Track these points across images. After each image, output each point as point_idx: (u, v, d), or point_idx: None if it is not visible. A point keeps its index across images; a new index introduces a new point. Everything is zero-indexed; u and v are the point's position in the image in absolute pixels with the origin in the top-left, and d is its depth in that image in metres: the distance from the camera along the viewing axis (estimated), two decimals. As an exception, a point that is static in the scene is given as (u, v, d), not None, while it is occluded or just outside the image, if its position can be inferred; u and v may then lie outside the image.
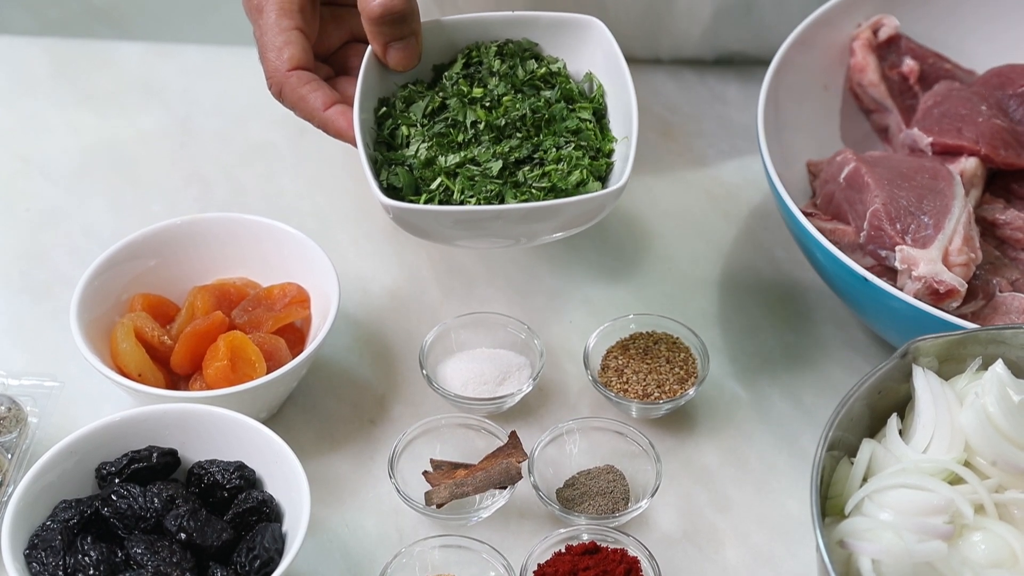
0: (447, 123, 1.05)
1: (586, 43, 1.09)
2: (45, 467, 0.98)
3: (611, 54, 1.07)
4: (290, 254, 1.16)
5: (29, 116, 1.40)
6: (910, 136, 1.20)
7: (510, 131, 1.04)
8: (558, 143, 1.04)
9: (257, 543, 0.95)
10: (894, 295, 1.03)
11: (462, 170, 1.03)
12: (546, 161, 1.03)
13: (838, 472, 0.93)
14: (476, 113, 1.05)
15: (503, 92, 1.06)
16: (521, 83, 1.07)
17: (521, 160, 1.03)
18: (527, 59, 1.09)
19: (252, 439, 1.01)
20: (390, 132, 1.06)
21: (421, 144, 1.04)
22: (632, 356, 1.13)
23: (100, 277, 1.12)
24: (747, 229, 1.28)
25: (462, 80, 1.07)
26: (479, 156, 1.03)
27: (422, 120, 1.06)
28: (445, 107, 1.06)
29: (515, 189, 1.02)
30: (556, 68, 1.09)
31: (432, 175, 1.03)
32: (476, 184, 1.02)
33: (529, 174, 1.03)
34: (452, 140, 1.04)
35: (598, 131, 1.06)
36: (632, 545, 1.01)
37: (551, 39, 1.10)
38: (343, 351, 1.18)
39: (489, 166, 1.02)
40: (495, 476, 1.03)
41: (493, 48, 1.09)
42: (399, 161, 1.04)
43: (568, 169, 1.02)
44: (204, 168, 1.34)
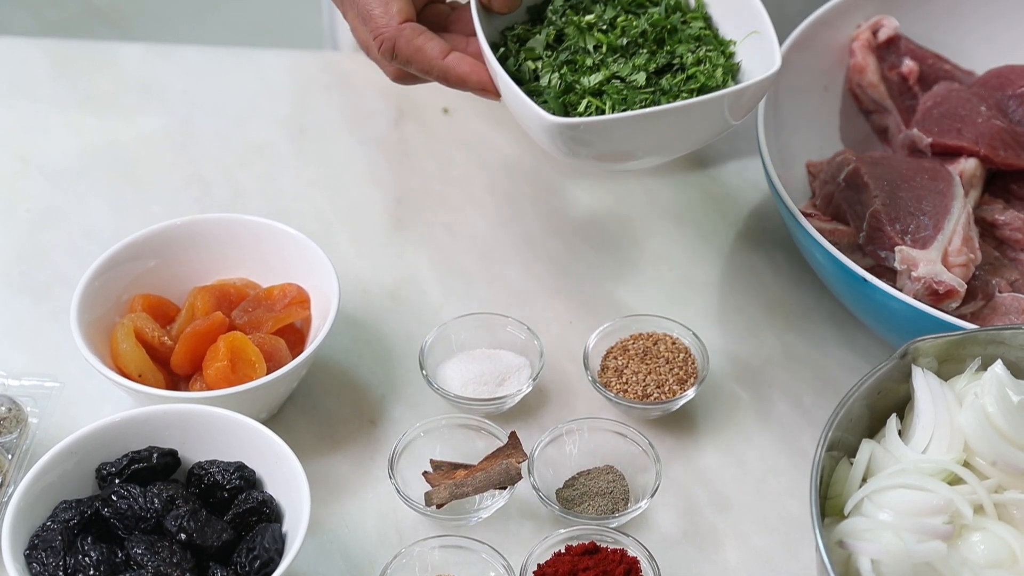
0: (571, 51, 1.06)
1: None
2: (45, 467, 0.98)
3: None
4: (290, 255, 1.16)
5: (29, 117, 1.40)
6: (909, 137, 1.20)
7: (634, 49, 1.05)
8: (691, 48, 1.05)
9: (257, 543, 0.95)
10: (893, 295, 1.03)
11: (608, 87, 1.03)
12: (687, 65, 1.04)
13: (838, 472, 0.93)
14: (596, 37, 1.06)
15: (614, 14, 1.07)
16: (627, 3, 1.08)
17: (659, 70, 1.05)
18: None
19: (252, 439, 1.01)
20: (515, 70, 1.06)
21: (552, 74, 1.05)
22: (632, 357, 1.13)
23: (100, 278, 1.12)
24: (747, 230, 1.28)
25: (569, 11, 1.08)
26: (620, 71, 1.04)
27: (545, 52, 1.06)
28: (562, 38, 1.07)
29: (665, 95, 1.03)
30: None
31: (576, 99, 1.04)
32: (627, 98, 1.02)
33: (673, 80, 1.04)
34: (582, 65, 1.05)
35: (714, 36, 1.08)
36: (632, 545, 1.01)
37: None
38: (343, 351, 1.18)
39: (634, 78, 1.03)
40: (495, 476, 1.03)
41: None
42: (536, 92, 1.04)
43: (712, 68, 1.04)
44: (204, 169, 1.34)
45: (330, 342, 1.14)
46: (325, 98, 1.42)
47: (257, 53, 1.46)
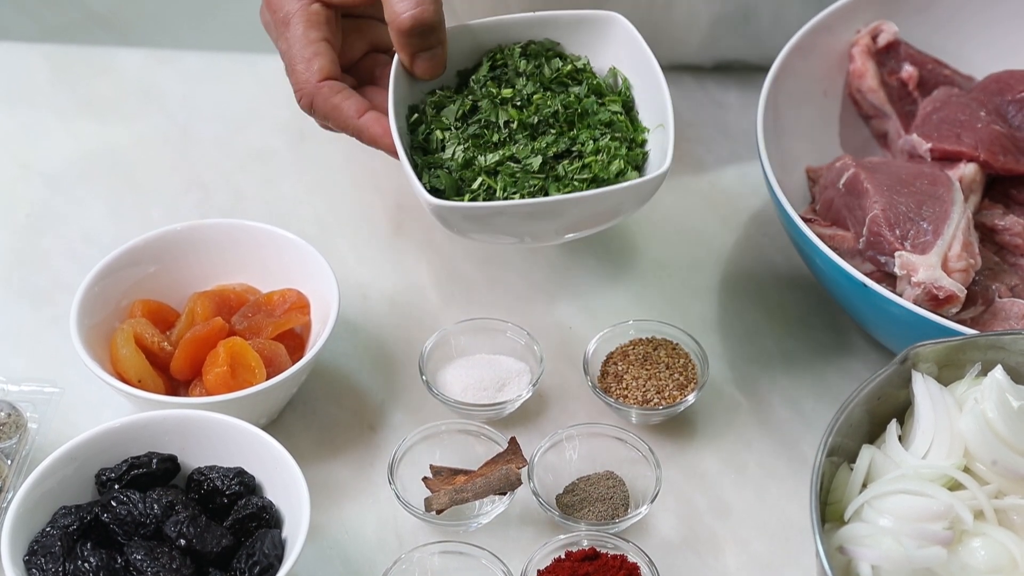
0: (480, 124, 1.06)
1: (607, 38, 1.10)
2: (45, 473, 0.98)
3: (635, 46, 1.09)
4: (290, 260, 1.16)
5: (29, 122, 1.40)
6: (909, 142, 1.20)
7: (544, 128, 1.05)
8: (594, 135, 1.05)
9: (257, 549, 0.95)
10: (893, 301, 1.03)
11: (502, 168, 1.04)
12: (585, 153, 1.04)
13: (838, 478, 0.93)
14: (508, 113, 1.06)
15: (532, 91, 1.07)
16: (548, 81, 1.08)
17: (559, 155, 1.05)
18: (551, 58, 1.10)
19: (252, 445, 1.01)
20: (424, 137, 1.07)
21: (457, 146, 1.05)
22: (632, 362, 1.13)
23: (100, 283, 1.12)
24: (747, 235, 1.28)
25: (490, 82, 1.08)
26: (518, 153, 1.04)
27: (455, 123, 1.07)
28: (476, 110, 1.07)
29: (557, 183, 1.03)
30: (581, 65, 1.10)
31: (472, 175, 1.04)
32: (518, 180, 1.03)
33: (569, 167, 1.04)
34: (488, 140, 1.05)
35: (628, 123, 1.08)
36: (632, 551, 1.01)
37: (572, 37, 1.11)
38: (343, 357, 1.18)
39: (529, 162, 1.03)
40: (495, 482, 1.03)
41: (517, 49, 1.10)
42: (437, 164, 1.05)
43: (608, 159, 1.04)
44: (204, 174, 1.34)
45: (330, 347, 1.14)
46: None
47: (257, 58, 1.46)
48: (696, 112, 1.40)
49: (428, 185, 1.04)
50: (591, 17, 1.10)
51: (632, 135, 1.07)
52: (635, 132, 1.08)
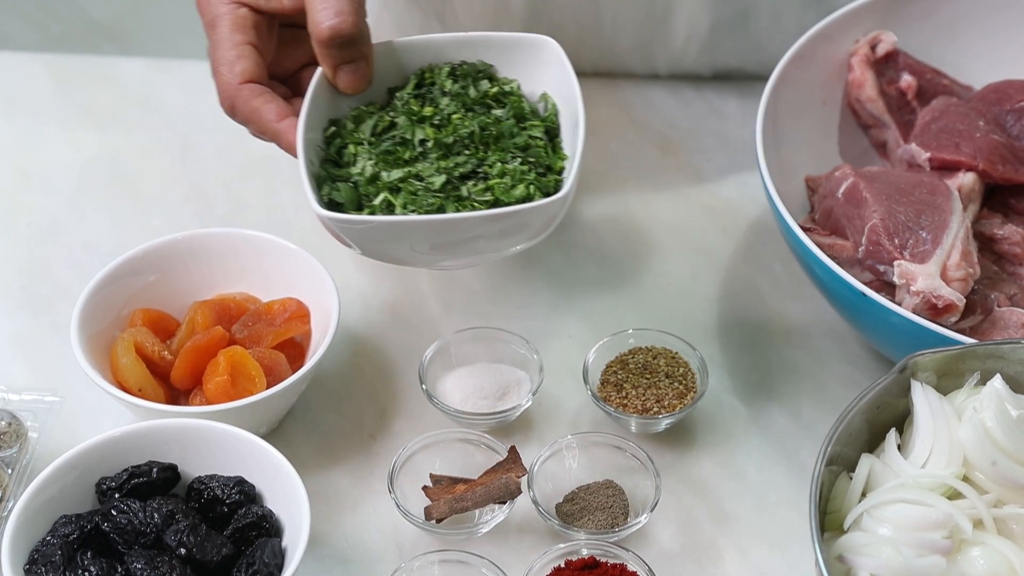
0: (395, 141, 1.05)
1: (540, 63, 1.09)
2: (45, 482, 0.98)
3: (564, 73, 1.06)
4: (290, 269, 1.16)
5: (30, 131, 1.40)
6: (908, 151, 1.20)
7: (458, 148, 1.04)
8: (504, 158, 1.03)
9: (257, 558, 0.95)
10: (892, 310, 1.03)
11: (405, 184, 1.02)
12: (490, 176, 1.02)
13: (837, 487, 0.93)
14: (425, 131, 1.04)
15: (453, 111, 1.06)
16: (473, 102, 1.06)
17: (466, 175, 1.03)
18: (480, 80, 1.08)
19: (252, 454, 1.01)
20: (337, 151, 1.06)
21: (367, 161, 1.03)
22: (631, 371, 1.13)
23: (101, 292, 1.12)
24: (746, 244, 1.29)
25: (413, 100, 1.07)
26: (423, 171, 1.03)
27: (370, 139, 1.05)
28: (394, 126, 1.06)
29: (457, 203, 1.01)
30: (509, 88, 1.09)
31: (376, 191, 1.03)
32: (418, 198, 1.01)
33: (473, 188, 1.02)
34: (399, 157, 1.03)
35: (549, 149, 1.05)
36: (631, 560, 1.01)
37: (506, 60, 1.09)
38: (343, 366, 1.18)
39: (432, 180, 1.02)
40: (495, 491, 1.03)
41: (446, 69, 1.09)
42: (344, 178, 1.04)
43: (512, 183, 1.01)
44: (204, 183, 1.35)
45: (330, 356, 1.14)
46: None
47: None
48: (695, 121, 1.40)
49: (327, 198, 1.02)
50: (524, 40, 1.09)
51: (550, 161, 1.05)
52: (554, 159, 1.05)
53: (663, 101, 1.41)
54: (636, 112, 1.41)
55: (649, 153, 1.37)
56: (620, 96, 1.42)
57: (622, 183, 1.35)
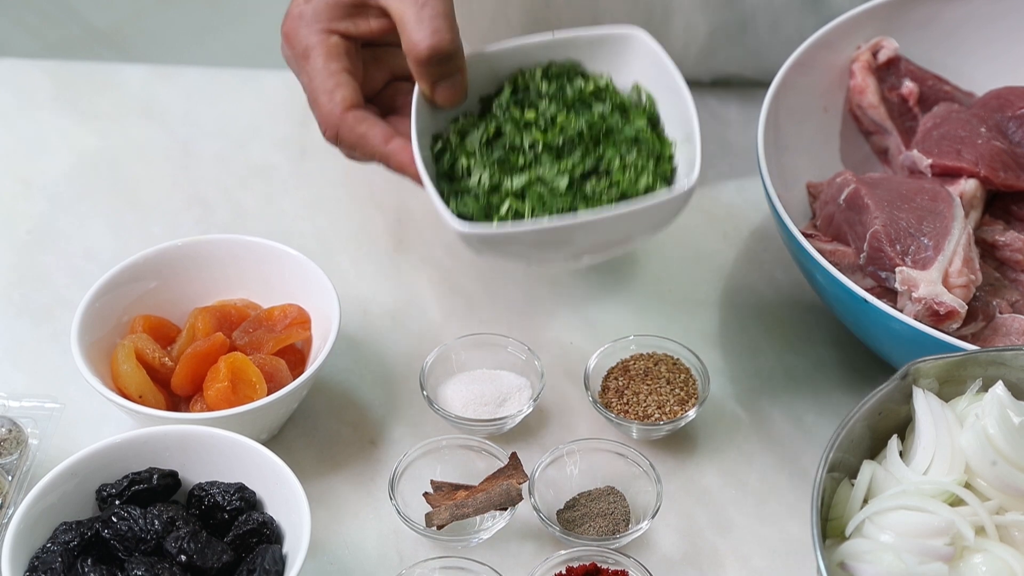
0: (505, 149, 1.06)
1: (629, 55, 1.10)
2: (45, 489, 0.98)
3: (657, 61, 1.08)
4: (291, 275, 1.16)
5: (30, 138, 1.40)
6: (910, 158, 1.20)
7: (569, 149, 1.05)
8: (621, 152, 1.04)
9: (257, 565, 0.95)
10: (894, 316, 1.03)
11: (530, 190, 1.03)
12: (612, 171, 1.04)
13: (839, 494, 0.93)
14: (533, 135, 1.05)
15: (556, 112, 1.06)
16: (572, 101, 1.07)
17: (586, 174, 1.04)
18: (573, 78, 1.09)
19: (253, 460, 1.01)
20: (450, 166, 1.07)
21: (483, 172, 1.04)
22: (632, 377, 1.13)
23: (101, 299, 1.12)
24: (747, 250, 1.29)
25: (513, 106, 1.08)
26: (544, 175, 1.03)
27: (480, 149, 1.06)
28: (500, 134, 1.07)
29: (585, 202, 1.02)
30: (603, 83, 1.09)
31: (500, 200, 1.03)
32: (546, 202, 1.02)
33: (597, 186, 1.03)
34: (513, 164, 1.04)
35: (655, 137, 1.07)
36: (633, 567, 1.00)
37: (593, 56, 1.10)
38: (344, 372, 1.18)
39: (556, 183, 1.03)
40: (495, 497, 1.03)
41: (538, 72, 1.09)
42: (464, 191, 1.05)
43: (635, 175, 1.03)
44: (205, 190, 1.35)
45: (331, 363, 1.14)
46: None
47: (258, 74, 1.46)
48: (697, 127, 1.40)
49: (456, 211, 1.03)
50: (611, 35, 1.10)
51: (659, 150, 1.06)
52: (662, 146, 1.07)
53: (664, 107, 1.41)
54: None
55: (650, 159, 1.37)
56: (621, 102, 1.42)
57: (623, 189, 1.34)
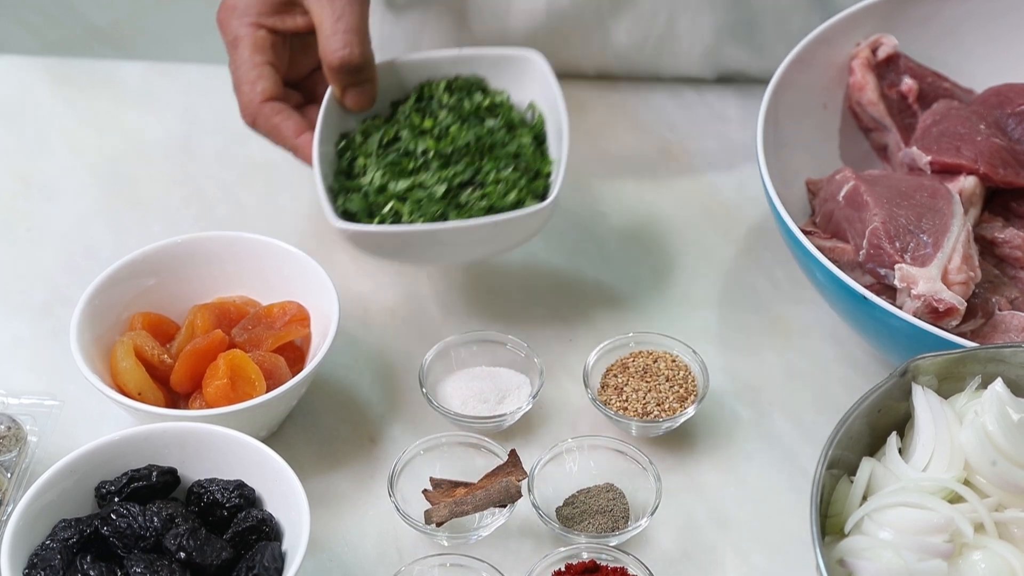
0: (399, 152, 1.14)
1: (527, 75, 1.19)
2: (45, 486, 0.98)
3: (548, 84, 1.17)
4: (290, 272, 1.16)
5: (30, 136, 1.40)
6: (909, 155, 1.20)
7: (457, 158, 1.13)
8: (498, 167, 1.12)
9: (257, 562, 0.95)
10: (893, 313, 1.03)
11: (411, 194, 1.11)
12: (486, 183, 1.11)
13: (838, 491, 0.93)
14: (426, 143, 1.13)
15: (451, 123, 1.15)
16: (468, 114, 1.16)
17: (465, 183, 1.11)
18: (474, 92, 1.18)
19: (252, 458, 1.01)
20: (348, 163, 1.15)
21: (376, 172, 1.13)
22: (632, 374, 1.13)
23: (100, 296, 1.12)
24: (746, 247, 1.28)
25: (414, 113, 1.17)
26: (426, 181, 1.11)
27: (377, 151, 1.15)
28: (398, 139, 1.15)
29: (458, 210, 1.10)
30: (500, 100, 1.19)
31: (384, 200, 1.11)
32: (423, 206, 1.10)
33: (471, 195, 1.11)
34: (403, 168, 1.13)
35: (538, 154, 1.15)
36: (632, 564, 1.00)
37: (496, 73, 1.20)
38: (343, 369, 1.18)
39: (434, 189, 1.11)
40: (495, 494, 1.03)
41: (443, 84, 1.19)
42: (355, 188, 1.13)
43: (506, 190, 1.11)
44: (204, 187, 1.34)
45: (330, 360, 1.14)
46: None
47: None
48: (696, 124, 1.40)
49: (341, 208, 1.11)
50: (512, 55, 1.20)
51: (538, 167, 1.14)
52: (542, 164, 1.15)
53: (664, 104, 1.41)
54: (637, 115, 1.41)
55: (650, 156, 1.37)
56: (621, 99, 1.42)
57: (622, 186, 1.34)
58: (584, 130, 1.39)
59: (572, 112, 1.41)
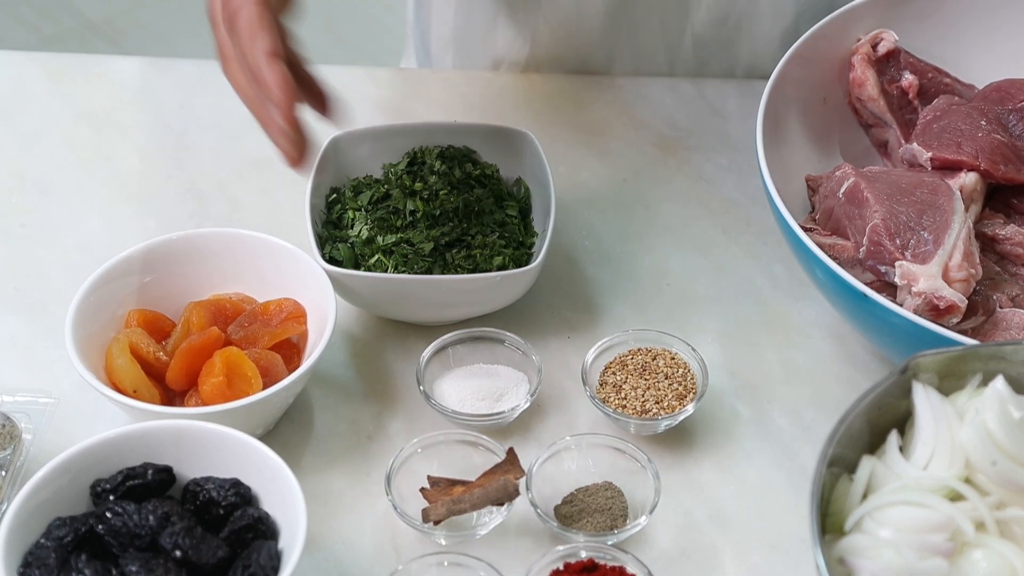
0: (388, 210, 1.19)
1: (518, 151, 1.24)
2: (39, 484, 0.97)
3: (538, 161, 1.22)
4: (286, 269, 1.15)
5: (24, 131, 1.39)
6: (909, 151, 1.20)
7: (444, 220, 1.17)
8: (484, 231, 1.17)
9: (253, 561, 0.95)
10: (894, 311, 1.03)
11: (397, 248, 1.16)
12: (473, 245, 1.16)
13: (838, 489, 0.93)
14: (415, 203, 1.17)
15: (440, 187, 1.19)
16: (458, 181, 1.20)
17: (451, 243, 1.16)
18: (465, 162, 1.22)
19: (248, 456, 1.00)
20: (338, 216, 1.21)
21: (364, 226, 1.18)
22: (630, 372, 1.13)
23: (95, 293, 1.11)
24: (746, 244, 1.28)
25: (406, 175, 1.21)
26: (413, 238, 1.16)
27: (367, 206, 1.20)
28: (388, 196, 1.20)
29: (443, 268, 1.15)
30: (490, 171, 1.23)
31: (371, 252, 1.16)
32: (409, 261, 1.14)
33: (457, 255, 1.15)
34: (392, 224, 1.17)
35: (522, 226, 1.20)
36: (630, 563, 1.00)
37: (489, 146, 1.25)
38: (340, 367, 1.17)
39: (422, 246, 1.15)
40: (493, 493, 1.03)
41: (436, 151, 1.23)
42: (343, 239, 1.18)
43: (491, 253, 1.16)
44: (200, 183, 1.34)
45: (327, 357, 1.13)
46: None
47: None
48: (695, 120, 1.40)
49: (328, 255, 1.16)
50: (505, 131, 1.25)
51: (522, 237, 1.20)
52: (526, 236, 1.20)
53: (663, 99, 1.41)
54: (635, 111, 1.41)
55: (648, 152, 1.37)
56: (619, 95, 1.41)
57: (621, 183, 1.34)
58: (583, 127, 1.39)
59: (571, 107, 1.41)
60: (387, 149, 1.25)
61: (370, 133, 1.25)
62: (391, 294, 1.14)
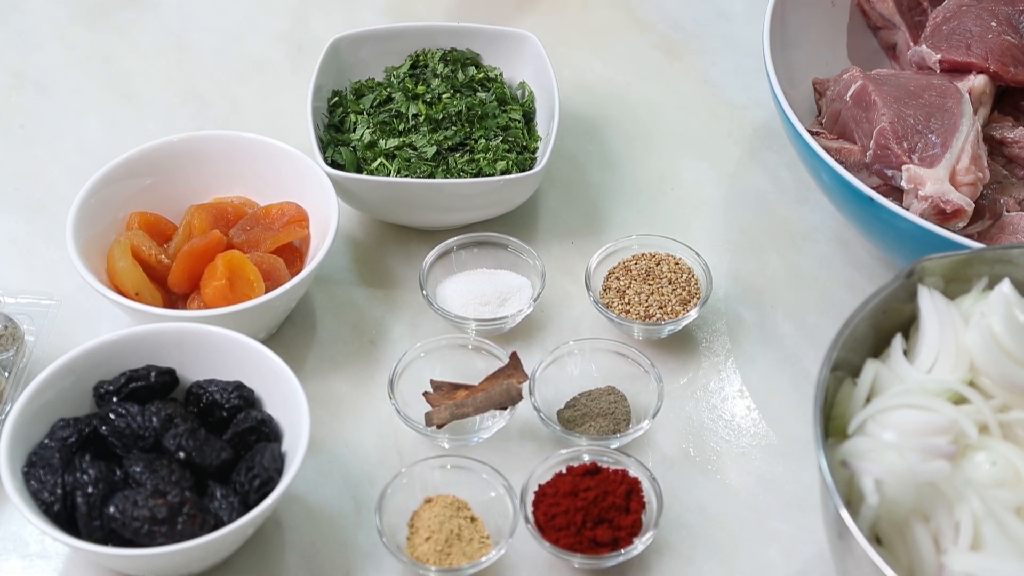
0: (391, 113, 1.18)
1: (521, 54, 1.23)
2: (43, 385, 0.97)
3: (542, 64, 1.20)
4: (288, 173, 1.14)
5: (21, 30, 1.38)
6: (918, 53, 1.18)
7: (447, 124, 1.16)
8: (488, 135, 1.17)
9: (256, 462, 0.95)
10: (900, 215, 1.02)
11: (400, 152, 1.15)
12: (476, 150, 1.15)
13: (841, 393, 0.92)
14: (418, 107, 1.17)
15: (443, 91, 1.19)
16: (461, 85, 1.20)
17: (454, 147, 1.15)
18: (468, 66, 1.21)
19: (251, 359, 1.00)
20: (340, 119, 1.19)
21: (366, 129, 1.17)
22: (634, 277, 1.12)
23: (96, 195, 1.11)
24: (751, 149, 1.27)
25: (408, 79, 1.20)
26: (416, 142, 1.15)
27: (369, 109, 1.19)
28: (391, 100, 1.19)
29: (445, 172, 1.14)
30: (493, 75, 1.22)
31: (373, 156, 1.15)
32: (412, 165, 1.14)
33: (460, 160, 1.15)
34: (394, 128, 1.17)
35: (525, 131, 1.19)
36: (633, 466, 1.00)
37: (492, 49, 1.24)
38: (342, 271, 1.17)
39: (424, 150, 1.14)
40: (495, 397, 1.03)
41: (438, 54, 1.23)
42: (345, 143, 1.17)
43: (494, 158, 1.15)
44: (201, 85, 1.32)
45: (329, 261, 1.13)
46: (323, 14, 1.40)
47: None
48: (701, 23, 1.38)
49: (330, 159, 1.15)
50: (508, 33, 1.23)
51: (525, 141, 1.18)
52: (529, 140, 1.19)
53: (668, 3, 1.39)
54: (641, 13, 1.39)
55: (653, 56, 1.35)
56: (624, -2, 1.40)
57: (626, 87, 1.33)
58: (587, 30, 1.37)
59: (575, 10, 1.39)
60: (389, 51, 1.24)
61: (372, 35, 1.24)
62: (393, 198, 1.13)
